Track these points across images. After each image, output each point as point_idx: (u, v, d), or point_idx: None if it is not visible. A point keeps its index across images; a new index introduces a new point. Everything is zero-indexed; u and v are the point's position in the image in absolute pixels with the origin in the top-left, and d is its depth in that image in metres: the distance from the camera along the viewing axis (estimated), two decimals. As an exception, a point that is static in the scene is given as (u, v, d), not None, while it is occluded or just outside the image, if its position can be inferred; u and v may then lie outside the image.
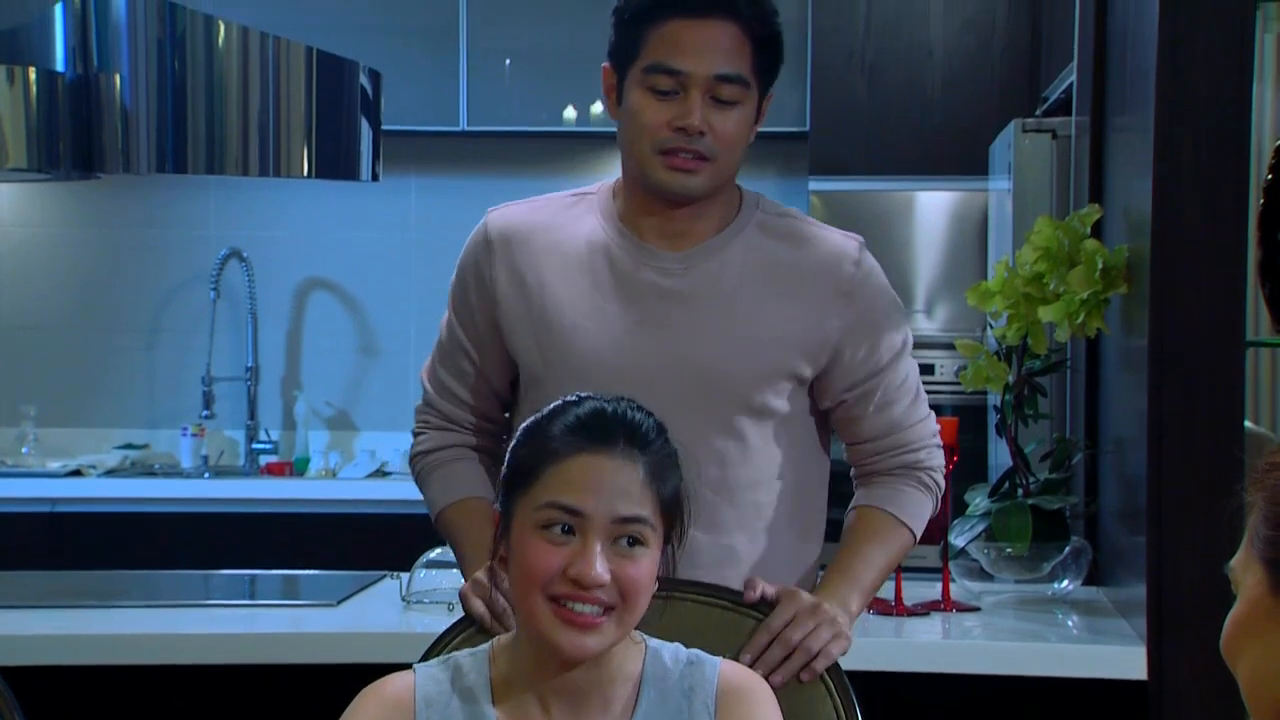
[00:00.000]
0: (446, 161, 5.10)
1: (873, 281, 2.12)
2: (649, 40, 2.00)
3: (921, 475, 2.15)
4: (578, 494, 1.64)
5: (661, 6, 2.00)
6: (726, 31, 2.00)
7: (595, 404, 1.71)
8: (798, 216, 2.15)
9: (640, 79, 2.01)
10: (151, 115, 2.98)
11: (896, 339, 2.13)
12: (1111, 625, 2.66)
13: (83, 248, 5.14)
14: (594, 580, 1.63)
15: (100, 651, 2.53)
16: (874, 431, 2.14)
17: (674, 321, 2.05)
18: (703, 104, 1.99)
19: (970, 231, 4.49)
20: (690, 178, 2.02)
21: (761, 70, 2.03)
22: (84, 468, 4.79)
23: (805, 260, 2.08)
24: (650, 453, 1.68)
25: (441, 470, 2.18)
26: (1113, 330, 2.77)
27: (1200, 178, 2.44)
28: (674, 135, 2.00)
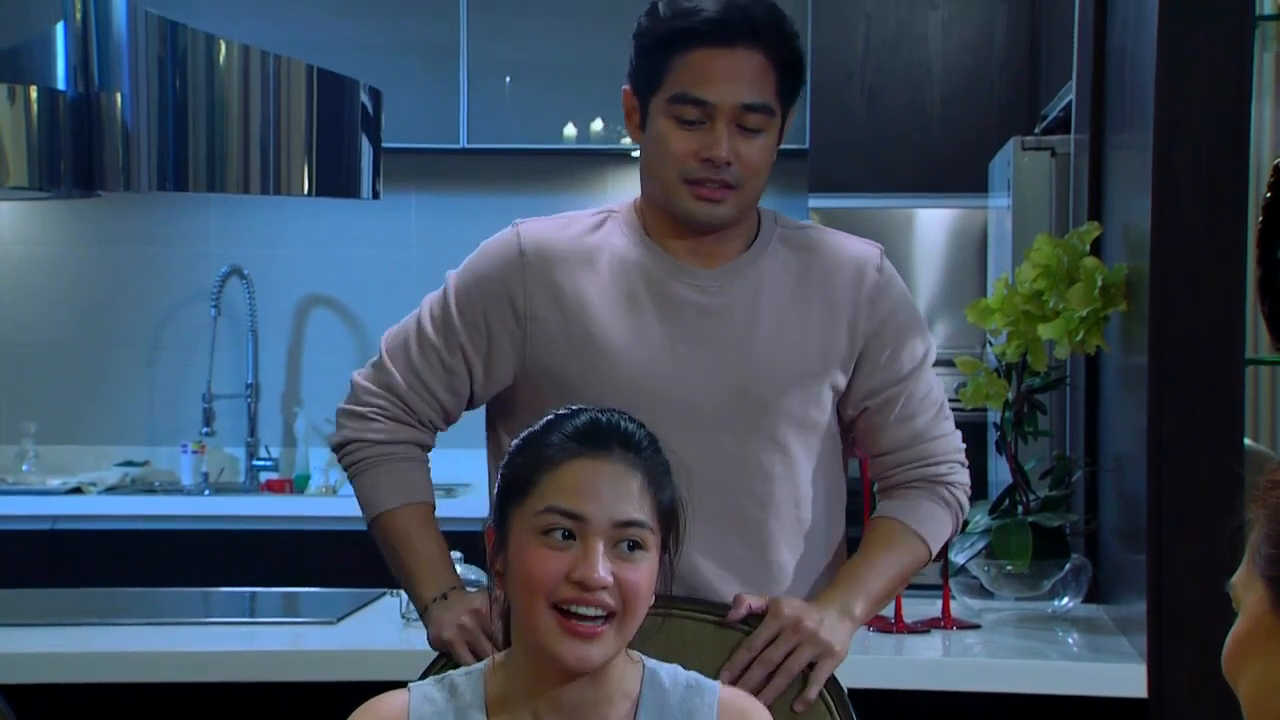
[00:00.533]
0: (447, 179, 5.11)
1: (895, 288, 2.12)
2: (673, 69, 2.00)
3: (941, 490, 2.12)
4: (577, 499, 1.65)
5: (687, 36, 1.99)
6: (752, 60, 1.99)
7: (590, 414, 1.72)
8: (815, 227, 2.16)
9: (665, 108, 2.01)
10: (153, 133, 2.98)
11: (919, 348, 2.12)
12: (1112, 643, 2.66)
13: (83, 265, 5.14)
14: (598, 582, 1.63)
15: (100, 669, 2.53)
16: (895, 443, 2.12)
17: (714, 337, 2.05)
18: (729, 133, 1.99)
19: (970, 249, 4.50)
20: (717, 207, 2.02)
21: (785, 95, 2.03)
22: (84, 485, 4.79)
23: (831, 268, 2.09)
24: (646, 459, 1.70)
25: (392, 466, 2.10)
26: (1112, 348, 2.78)
27: (1199, 196, 2.45)
28: (701, 166, 2.00)
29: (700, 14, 1.99)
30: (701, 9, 1.99)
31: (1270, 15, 2.62)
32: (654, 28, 2.03)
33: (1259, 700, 1.18)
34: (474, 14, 4.82)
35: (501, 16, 4.82)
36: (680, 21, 2.00)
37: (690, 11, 1.99)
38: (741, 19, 1.98)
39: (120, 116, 2.96)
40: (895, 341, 2.10)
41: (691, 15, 1.99)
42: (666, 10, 2.02)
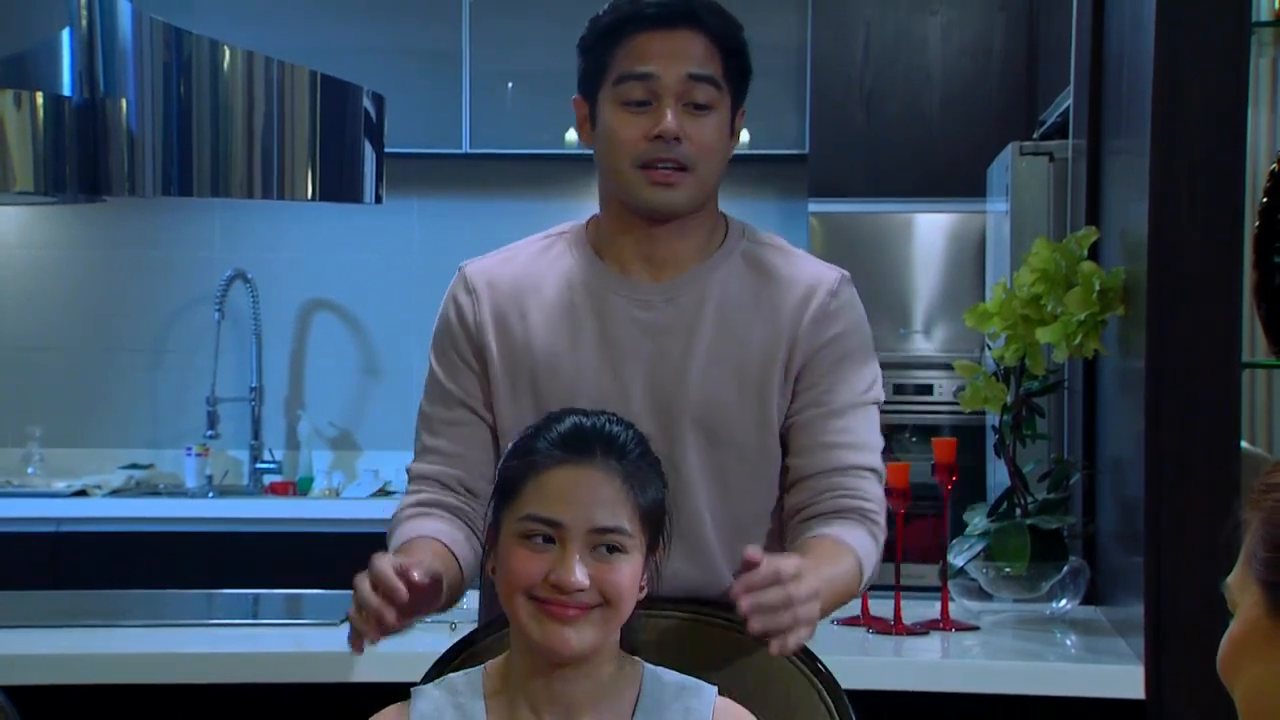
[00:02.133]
0: (449, 184, 5.13)
1: (846, 314, 2.04)
2: (616, 57, 1.98)
3: (873, 528, 1.99)
4: (555, 505, 1.70)
5: (625, 23, 1.99)
6: (694, 39, 1.98)
7: (575, 419, 1.76)
8: (783, 247, 2.08)
9: (611, 94, 1.98)
10: (157, 139, 3.00)
11: (859, 382, 2.03)
12: (1109, 644, 2.67)
13: (88, 269, 5.17)
14: (573, 585, 1.68)
15: (104, 671, 2.55)
16: (819, 466, 2.00)
17: (653, 357, 1.99)
18: (677, 110, 1.95)
19: (968, 253, 4.52)
20: (673, 192, 1.97)
21: (732, 78, 2.00)
22: (89, 488, 4.81)
23: (784, 287, 2.02)
24: (628, 463, 1.73)
25: (408, 524, 2.01)
26: (1110, 351, 2.79)
27: (1196, 200, 2.46)
28: (651, 146, 1.96)
29: (638, 4, 1.99)
30: (638, 2, 1.99)
31: (1267, 21, 2.64)
32: (594, 28, 2.03)
33: (1255, 703, 1.18)
34: (476, 20, 4.84)
35: (503, 23, 4.84)
36: (618, 15, 2.00)
37: (626, 8, 2.00)
38: (680, 5, 1.98)
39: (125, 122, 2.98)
40: (834, 369, 2.01)
41: (631, 5, 1.99)
42: (606, 10, 2.02)
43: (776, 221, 5.02)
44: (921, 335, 4.55)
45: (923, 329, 4.55)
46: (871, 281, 4.57)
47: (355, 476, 5.02)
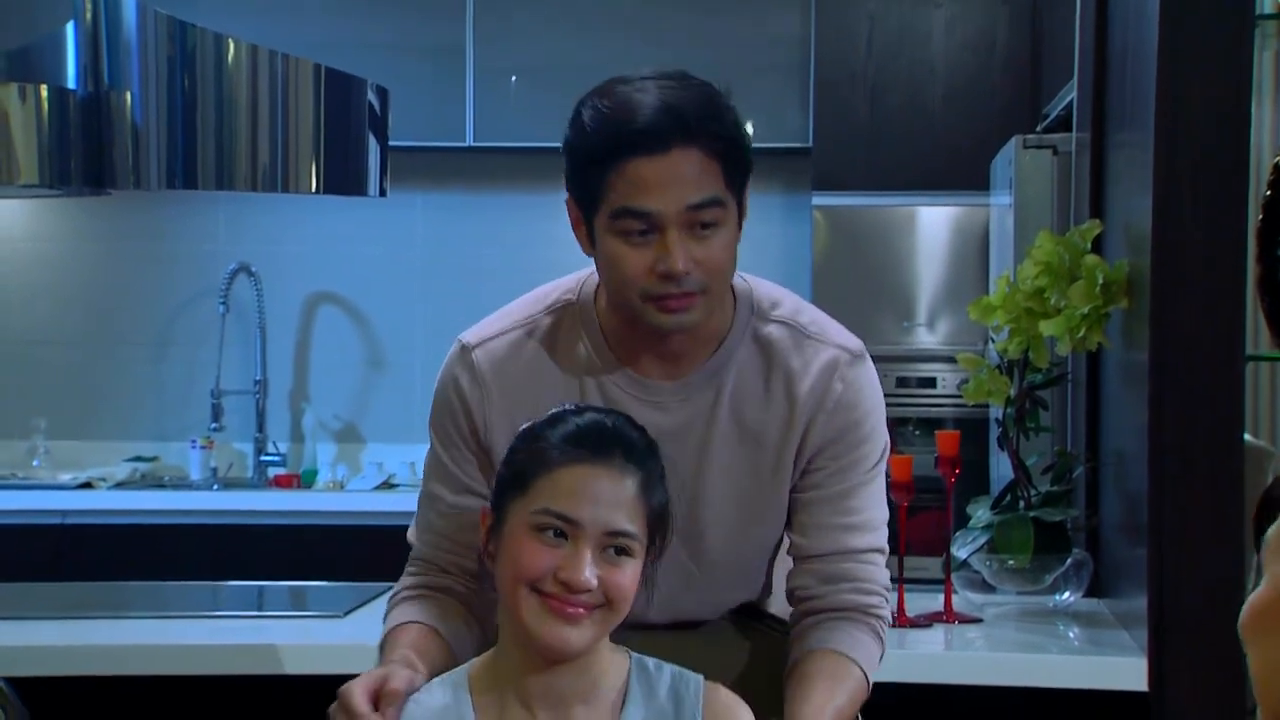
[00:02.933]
0: (453, 177, 5.14)
1: (861, 399, 1.96)
2: (610, 184, 1.83)
3: (874, 624, 1.96)
4: (574, 503, 1.71)
5: (617, 149, 1.82)
6: (689, 160, 1.82)
7: (594, 416, 1.77)
8: (791, 322, 1.97)
9: (609, 225, 1.85)
10: (162, 132, 3.00)
11: (871, 457, 1.98)
12: (1112, 637, 2.67)
13: (93, 262, 5.17)
14: (583, 584, 1.70)
15: (109, 662, 2.55)
16: (826, 548, 1.97)
17: (669, 458, 1.90)
18: (681, 240, 1.82)
19: (971, 246, 4.52)
20: (685, 315, 1.86)
21: (734, 183, 1.87)
22: (94, 480, 4.82)
23: (795, 379, 1.95)
24: (643, 468, 1.75)
25: (400, 608, 1.97)
26: (1113, 344, 2.80)
27: (1200, 193, 2.47)
28: (659, 281, 1.84)
29: (627, 125, 1.82)
30: (627, 119, 1.82)
31: (1270, 14, 2.64)
32: (582, 144, 1.86)
33: (1269, 678, 1.18)
34: (480, 14, 4.85)
35: (507, 16, 4.84)
36: (607, 136, 1.83)
37: (616, 123, 1.82)
38: (671, 121, 1.81)
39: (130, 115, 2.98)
40: (847, 453, 1.96)
41: (619, 127, 1.82)
42: (592, 122, 1.85)
43: (780, 215, 5.03)
44: (925, 328, 4.56)
45: (926, 322, 4.56)
46: (875, 275, 4.59)
47: (359, 469, 5.03)
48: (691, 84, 1.86)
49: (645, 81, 1.86)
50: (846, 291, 4.58)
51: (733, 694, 1.83)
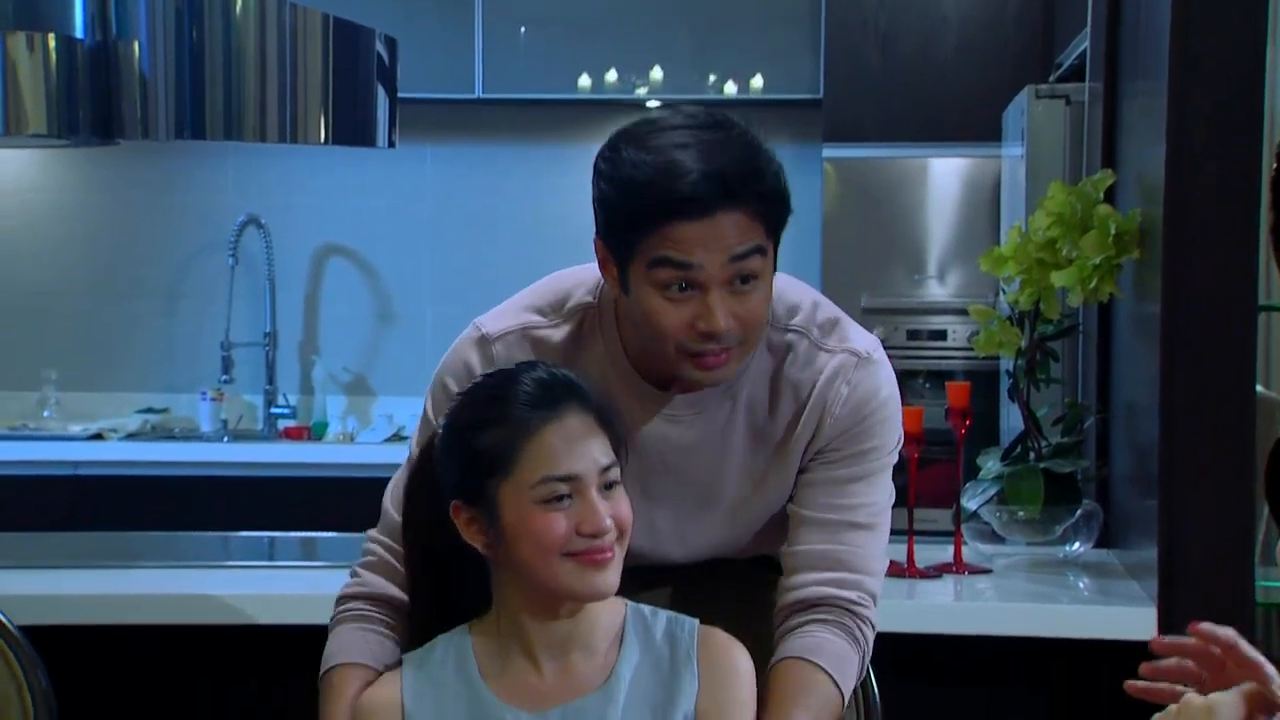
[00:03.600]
0: (461, 129, 5.12)
1: (859, 398, 1.94)
2: (649, 240, 1.79)
3: (850, 624, 1.92)
4: (567, 461, 1.76)
5: (658, 215, 1.77)
6: (732, 220, 1.78)
7: (532, 376, 1.80)
8: (806, 330, 1.95)
9: (646, 274, 1.80)
10: (170, 82, 2.99)
11: (882, 448, 1.96)
12: (1122, 587, 2.68)
13: (102, 214, 5.17)
14: (605, 528, 1.76)
15: (121, 611, 2.56)
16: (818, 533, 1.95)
17: (685, 470, 1.95)
18: (722, 297, 1.80)
19: (983, 198, 4.50)
20: (722, 370, 1.85)
21: (774, 230, 1.84)
22: (105, 431, 4.83)
23: (805, 387, 1.94)
24: (592, 401, 1.80)
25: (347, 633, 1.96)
26: (1125, 295, 2.79)
27: (1213, 143, 2.45)
28: (698, 339, 1.81)
29: (670, 192, 1.76)
30: (669, 186, 1.77)
31: (1286, -38, 2.61)
32: (621, 203, 1.80)
33: None
34: (489, -37, 4.82)
35: (516, -34, 4.82)
36: (649, 198, 1.77)
37: (658, 188, 1.77)
38: (715, 188, 1.77)
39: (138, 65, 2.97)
40: (853, 442, 1.95)
41: (662, 193, 1.77)
42: (631, 181, 1.79)
43: (790, 167, 4.98)
44: (935, 280, 4.55)
45: (937, 274, 4.54)
46: (885, 227, 4.58)
47: (369, 422, 5.04)
48: (733, 137, 1.81)
49: (684, 133, 1.80)
50: (857, 244, 4.57)
51: (727, 635, 1.86)
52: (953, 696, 2.73)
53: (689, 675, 1.81)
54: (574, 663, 1.81)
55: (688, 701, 1.80)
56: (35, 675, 2.05)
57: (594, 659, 1.82)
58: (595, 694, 1.80)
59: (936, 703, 2.71)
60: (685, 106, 1.88)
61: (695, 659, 1.82)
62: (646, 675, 1.82)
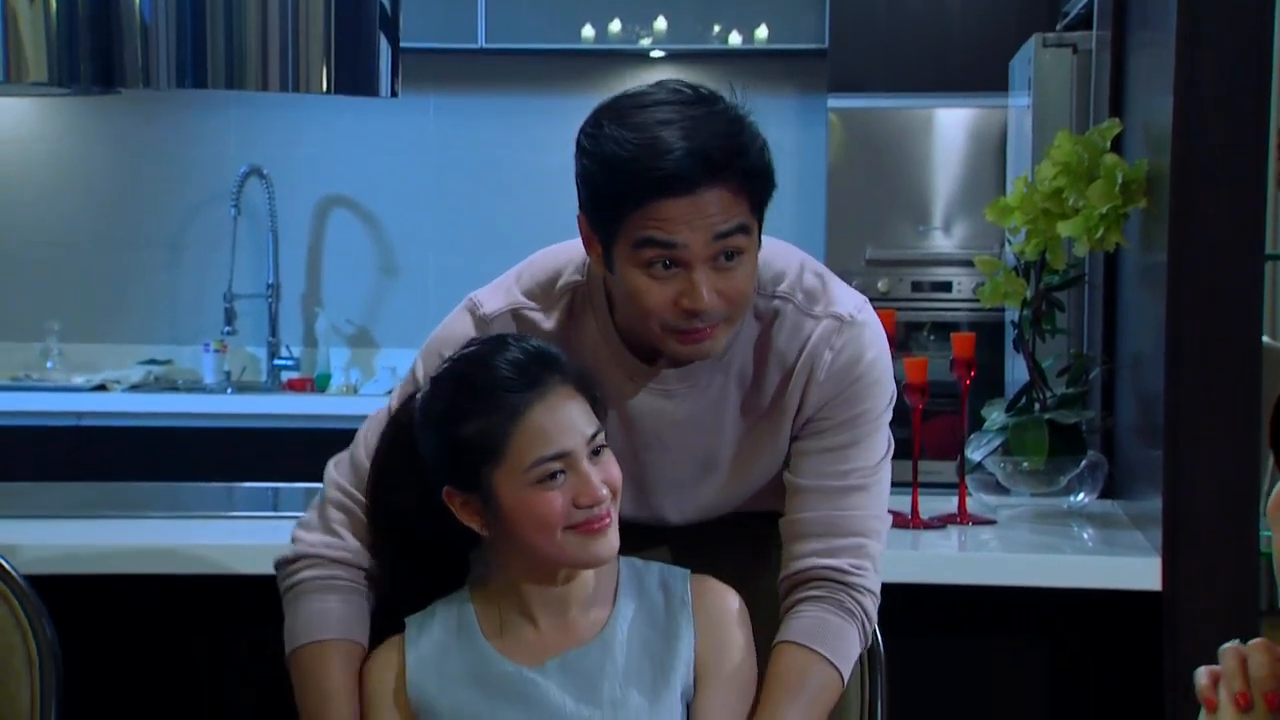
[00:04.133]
0: (465, 79, 5.10)
1: (844, 361, 1.92)
2: (632, 219, 1.77)
3: (844, 598, 1.91)
4: (556, 439, 1.79)
5: (641, 192, 1.76)
6: (716, 196, 1.77)
7: (505, 356, 1.81)
8: (791, 297, 1.93)
9: (630, 254, 1.79)
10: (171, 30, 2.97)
11: (872, 411, 1.93)
12: (1127, 537, 2.68)
13: (105, 164, 5.15)
14: (602, 498, 1.80)
15: (125, 561, 2.56)
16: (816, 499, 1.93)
17: (678, 443, 1.95)
18: (706, 275, 1.79)
19: (989, 148, 4.48)
20: (707, 344, 1.84)
21: (759, 205, 1.82)
22: (108, 382, 4.83)
23: (790, 355, 1.92)
24: (574, 375, 1.83)
25: (324, 596, 1.94)
26: (1131, 245, 2.78)
27: (1221, 92, 2.44)
28: (683, 316, 1.81)
29: (653, 169, 1.75)
30: (652, 163, 1.75)
31: (1297, -92, 2.59)
32: (603, 180, 1.79)
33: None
34: (492, -89, 4.79)
35: (519, -87, 4.79)
36: (632, 176, 1.76)
37: (641, 165, 1.75)
38: (699, 165, 1.75)
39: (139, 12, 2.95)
40: (843, 408, 1.93)
41: (645, 171, 1.75)
42: (614, 159, 1.77)
43: (795, 118, 4.99)
44: (941, 232, 4.53)
45: (942, 226, 4.53)
46: (891, 178, 4.56)
47: (373, 373, 5.04)
48: (716, 112, 1.80)
49: (667, 109, 1.78)
50: (862, 195, 4.55)
51: (719, 582, 1.91)
52: (957, 647, 2.74)
53: (686, 622, 1.86)
54: (572, 619, 1.86)
55: (687, 649, 1.85)
56: (40, 624, 2.05)
57: (591, 613, 1.87)
58: (592, 643, 1.85)
59: (940, 653, 2.72)
60: (669, 80, 1.86)
61: (691, 606, 1.87)
62: (644, 624, 1.86)
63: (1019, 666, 2.74)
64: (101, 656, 2.71)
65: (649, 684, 1.84)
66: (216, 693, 2.75)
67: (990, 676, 2.75)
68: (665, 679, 1.84)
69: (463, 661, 1.85)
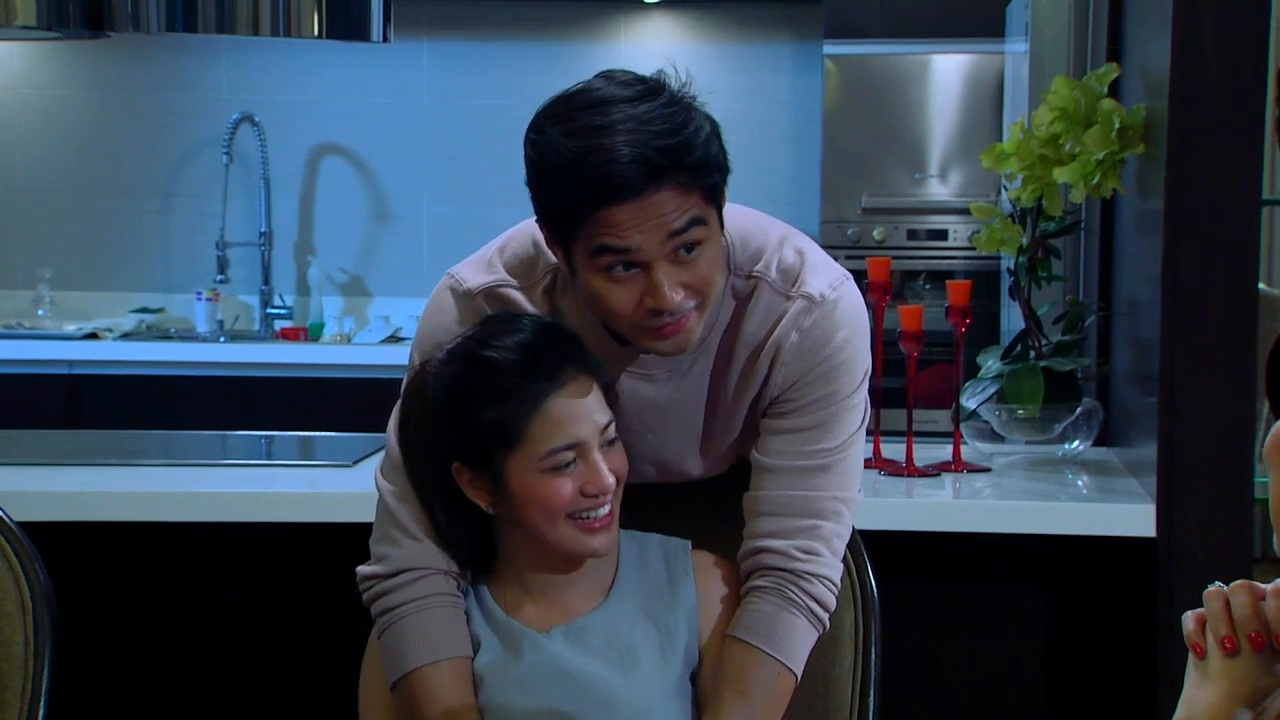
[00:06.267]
0: (458, 25, 5.06)
1: (811, 342, 1.89)
2: (584, 228, 1.75)
3: (791, 592, 1.88)
4: (572, 430, 1.81)
5: (586, 201, 1.73)
6: (666, 196, 1.73)
7: (529, 340, 1.82)
8: (766, 276, 1.89)
9: (589, 261, 1.77)
10: (161, -27, 2.95)
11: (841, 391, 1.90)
12: (1122, 484, 2.68)
13: (95, 110, 5.12)
14: (609, 487, 1.84)
15: (119, 508, 2.56)
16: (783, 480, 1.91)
17: (662, 424, 1.95)
18: (667, 271, 1.76)
19: (986, 95, 4.46)
20: (681, 337, 1.82)
21: (714, 193, 1.79)
22: (100, 331, 4.82)
23: (759, 335, 1.90)
24: (591, 364, 1.84)
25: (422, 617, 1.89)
26: (1128, 191, 2.76)
27: (1219, 37, 2.42)
28: (650, 315, 1.78)
29: (598, 180, 1.71)
30: (596, 174, 1.71)
31: None
32: (548, 188, 1.77)
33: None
34: None
35: None
36: (576, 186, 1.73)
37: (585, 175, 1.72)
38: (641, 171, 1.71)
39: (128, -44, 2.93)
40: (811, 388, 1.90)
41: (589, 183, 1.72)
42: (556, 168, 1.74)
43: (791, 65, 4.96)
44: (937, 179, 4.51)
45: (938, 173, 4.51)
46: (887, 126, 4.53)
47: (366, 322, 5.03)
48: (657, 107, 1.74)
49: (606, 110, 1.73)
50: (858, 143, 4.53)
51: (718, 555, 1.96)
52: (951, 594, 2.74)
53: (688, 591, 1.91)
54: (576, 592, 1.91)
55: (690, 616, 1.90)
56: (34, 570, 2.05)
57: (595, 583, 1.91)
58: (597, 611, 1.89)
59: (935, 600, 2.72)
60: (615, 71, 1.81)
61: (693, 577, 1.92)
62: (648, 591, 1.91)
63: (1014, 614, 2.74)
64: (95, 604, 2.71)
65: (655, 646, 1.87)
66: (208, 639, 2.76)
67: (985, 624, 2.75)
68: (670, 644, 1.88)
69: (484, 627, 1.90)
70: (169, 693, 2.75)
